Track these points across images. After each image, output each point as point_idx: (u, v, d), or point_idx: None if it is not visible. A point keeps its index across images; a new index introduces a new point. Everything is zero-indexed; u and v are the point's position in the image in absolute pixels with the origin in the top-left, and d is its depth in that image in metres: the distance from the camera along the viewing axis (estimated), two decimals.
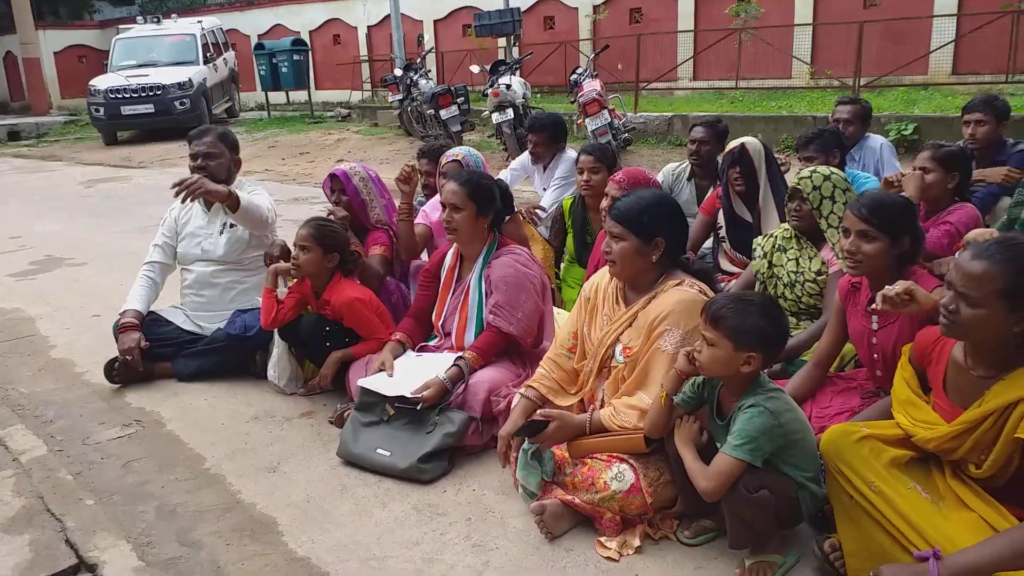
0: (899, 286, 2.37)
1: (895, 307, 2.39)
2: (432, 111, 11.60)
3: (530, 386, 2.97)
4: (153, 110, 16.30)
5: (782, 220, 3.74)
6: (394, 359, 3.43)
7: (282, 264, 3.78)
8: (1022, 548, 1.91)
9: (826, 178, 3.29)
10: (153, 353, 4.11)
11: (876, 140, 5.25)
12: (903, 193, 3.58)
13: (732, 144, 4.09)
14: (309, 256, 3.68)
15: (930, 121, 9.10)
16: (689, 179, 5.05)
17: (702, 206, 4.54)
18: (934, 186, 3.68)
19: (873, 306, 2.48)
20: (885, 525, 2.17)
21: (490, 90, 10.56)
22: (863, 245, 2.62)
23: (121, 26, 21.29)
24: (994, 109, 4.44)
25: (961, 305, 2.03)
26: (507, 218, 3.64)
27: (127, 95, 16.30)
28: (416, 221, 4.30)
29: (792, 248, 3.42)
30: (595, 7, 16.66)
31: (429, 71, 13.57)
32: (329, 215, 3.97)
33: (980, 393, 2.10)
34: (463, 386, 3.21)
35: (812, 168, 3.39)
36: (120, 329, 4.07)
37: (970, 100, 4.63)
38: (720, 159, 4.15)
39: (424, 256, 4.35)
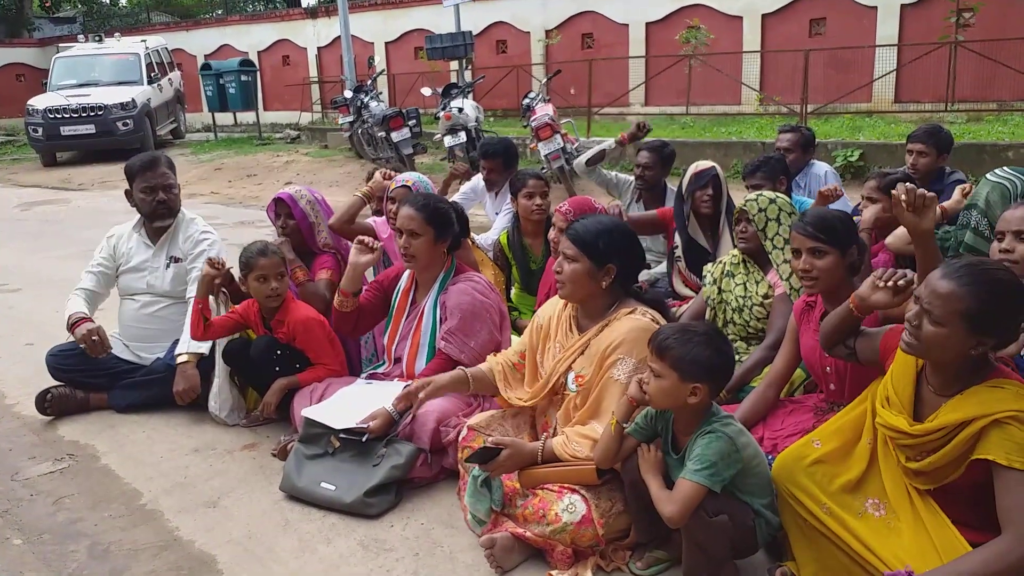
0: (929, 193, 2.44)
1: (909, 206, 2.44)
2: (383, 133, 11.54)
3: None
4: (94, 131, 15.90)
5: (736, 246, 3.77)
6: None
7: (212, 271, 3.64)
8: (995, 567, 1.93)
9: (771, 201, 3.37)
10: (89, 384, 3.97)
11: (820, 167, 5.33)
12: (860, 218, 3.68)
13: (702, 166, 4.11)
14: (285, 281, 3.67)
15: (875, 148, 9.34)
16: (638, 202, 5.08)
17: (659, 210, 4.55)
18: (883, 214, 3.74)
19: (895, 191, 2.48)
20: (841, 545, 2.20)
21: (442, 113, 10.53)
22: (816, 262, 2.69)
23: (61, 44, 20.84)
24: (936, 141, 4.54)
25: (924, 321, 2.06)
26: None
27: (67, 115, 15.89)
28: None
29: (740, 273, 3.47)
30: (547, 32, 16.83)
31: (380, 93, 13.50)
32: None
33: (934, 406, 2.13)
34: (411, 416, 3.13)
35: (758, 192, 3.46)
36: (73, 325, 3.86)
37: (914, 130, 4.72)
38: (685, 182, 4.15)
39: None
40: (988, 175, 3.23)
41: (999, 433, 1.98)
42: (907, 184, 2.48)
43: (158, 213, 4.03)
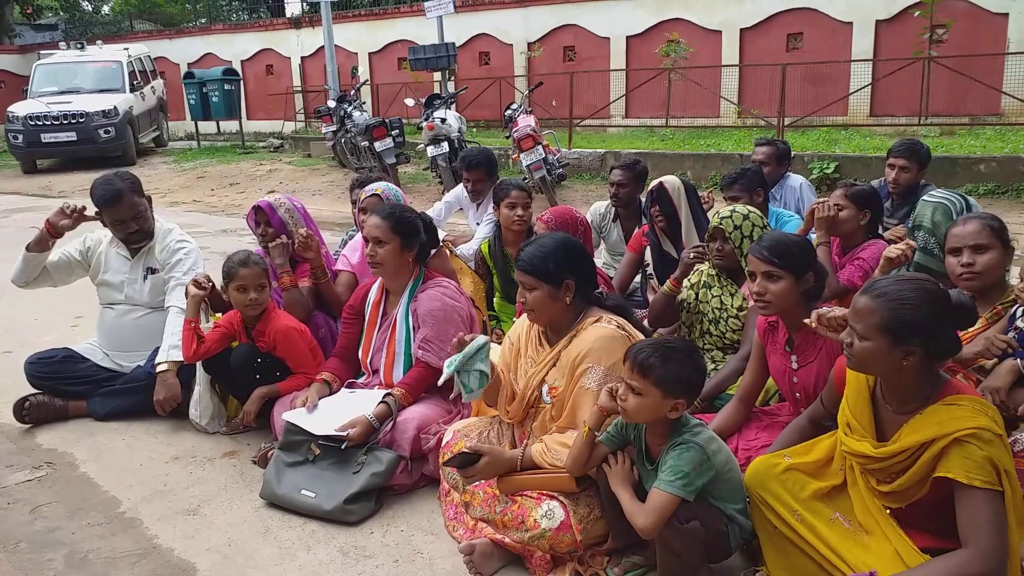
0: (838, 311, 2.47)
1: (828, 328, 2.48)
2: (366, 143, 11.55)
3: None
4: (75, 138, 15.77)
5: (711, 263, 3.82)
6: (319, 399, 3.37)
7: (199, 291, 3.67)
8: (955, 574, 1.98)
9: (745, 217, 3.40)
10: (68, 391, 3.96)
11: (796, 180, 5.41)
12: (814, 229, 3.73)
13: (652, 183, 4.21)
14: (265, 292, 3.67)
15: (850, 160, 9.47)
16: (615, 220, 5.14)
17: (629, 244, 4.67)
18: (848, 222, 3.81)
19: (807, 320, 2.56)
20: (811, 552, 2.23)
21: (425, 123, 10.57)
22: (770, 286, 2.72)
23: (43, 51, 20.66)
24: (919, 158, 4.64)
25: (854, 337, 2.13)
26: (432, 251, 3.62)
27: (48, 122, 15.76)
28: (337, 267, 4.25)
29: (716, 286, 3.52)
30: (530, 44, 16.91)
31: (364, 103, 13.52)
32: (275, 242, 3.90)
33: (895, 424, 2.17)
34: (391, 424, 3.15)
35: (731, 208, 3.49)
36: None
37: (895, 144, 4.78)
38: (643, 198, 4.28)
39: None
40: (925, 197, 3.40)
41: (959, 452, 2.02)
42: (818, 312, 2.54)
43: (133, 240, 4.05)
